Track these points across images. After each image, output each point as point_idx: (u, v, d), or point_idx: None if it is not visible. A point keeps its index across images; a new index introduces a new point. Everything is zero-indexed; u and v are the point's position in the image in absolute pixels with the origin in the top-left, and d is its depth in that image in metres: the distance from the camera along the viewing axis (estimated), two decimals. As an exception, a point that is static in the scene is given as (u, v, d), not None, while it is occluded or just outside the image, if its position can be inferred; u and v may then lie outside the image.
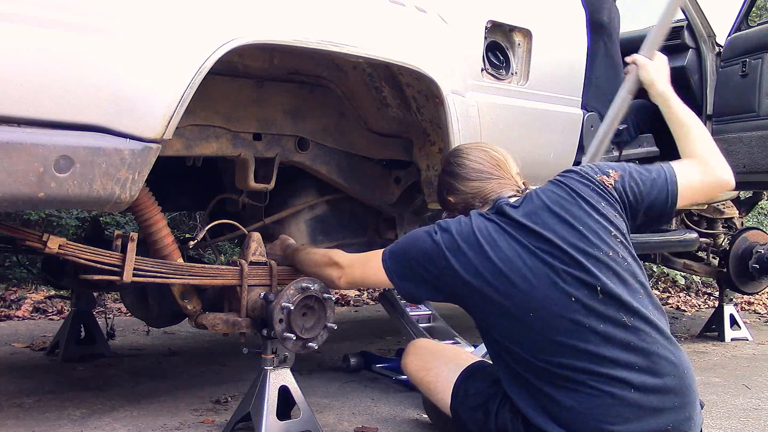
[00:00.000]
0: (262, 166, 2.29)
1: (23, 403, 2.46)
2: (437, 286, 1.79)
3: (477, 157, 1.91)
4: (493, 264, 1.68)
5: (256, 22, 1.79)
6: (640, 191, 1.78)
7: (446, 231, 1.76)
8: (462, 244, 1.72)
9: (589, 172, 1.79)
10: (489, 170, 1.89)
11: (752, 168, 3.55)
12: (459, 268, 1.71)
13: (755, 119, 3.51)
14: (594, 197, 1.74)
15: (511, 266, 1.67)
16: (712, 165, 1.84)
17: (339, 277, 2.01)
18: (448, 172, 1.96)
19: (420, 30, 2.17)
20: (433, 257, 1.76)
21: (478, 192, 1.88)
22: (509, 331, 1.71)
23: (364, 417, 2.44)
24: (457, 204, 1.93)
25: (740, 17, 3.83)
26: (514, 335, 1.71)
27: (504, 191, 1.85)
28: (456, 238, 1.73)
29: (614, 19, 3.78)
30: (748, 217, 5.60)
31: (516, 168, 1.95)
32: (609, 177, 1.77)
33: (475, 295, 1.72)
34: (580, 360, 1.62)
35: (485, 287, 1.69)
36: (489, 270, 1.69)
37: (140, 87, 1.59)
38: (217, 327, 2.09)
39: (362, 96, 2.40)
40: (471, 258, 1.71)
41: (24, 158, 1.46)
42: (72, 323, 3.13)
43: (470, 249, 1.71)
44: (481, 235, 1.72)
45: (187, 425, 2.29)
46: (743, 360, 3.72)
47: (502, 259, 1.68)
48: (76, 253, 1.85)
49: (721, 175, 1.84)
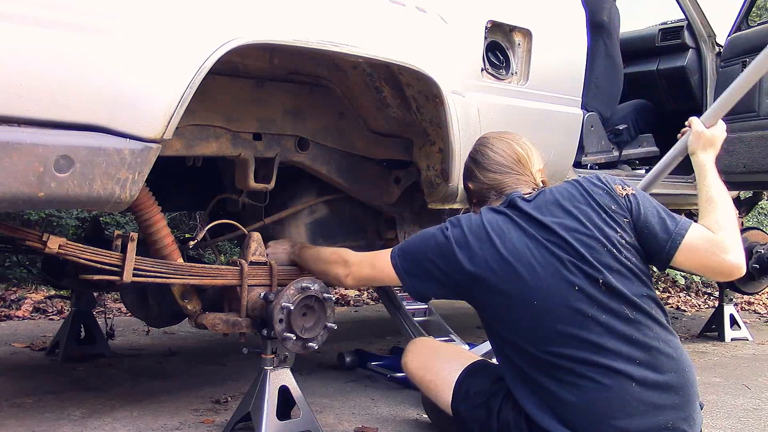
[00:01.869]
0: (262, 166, 2.29)
1: (23, 403, 2.46)
2: (445, 282, 1.81)
3: (500, 149, 1.93)
4: (500, 254, 1.72)
5: (256, 22, 1.80)
6: (645, 217, 1.74)
7: (457, 226, 1.81)
8: (471, 238, 1.76)
9: (605, 178, 1.82)
10: (509, 164, 1.91)
11: (752, 168, 3.55)
12: (467, 261, 1.75)
13: (755, 119, 3.52)
14: (605, 199, 1.76)
15: (519, 256, 1.71)
16: (727, 246, 1.69)
17: (346, 275, 2.03)
18: (472, 159, 2.00)
19: (420, 30, 2.17)
20: (443, 252, 1.79)
21: (495, 184, 1.91)
22: (513, 322, 1.74)
23: (364, 417, 2.44)
24: (475, 192, 1.97)
25: (740, 17, 3.83)
26: (518, 326, 1.73)
27: (520, 187, 1.88)
28: (466, 233, 1.78)
29: (614, 19, 3.79)
30: (748, 217, 5.60)
31: (540, 164, 1.96)
32: (623, 189, 1.79)
33: (482, 288, 1.75)
34: (581, 350, 1.64)
35: (491, 278, 1.73)
36: (496, 260, 1.72)
37: (140, 87, 1.60)
38: (217, 327, 2.09)
39: (362, 96, 2.40)
40: (479, 250, 1.74)
41: (24, 158, 1.46)
42: (72, 323, 3.12)
43: (479, 242, 1.75)
44: (491, 227, 1.76)
45: (187, 425, 2.28)
46: (743, 360, 3.72)
47: (510, 249, 1.72)
48: (76, 253, 1.85)
49: (730, 259, 1.68)
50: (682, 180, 3.53)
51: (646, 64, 4.25)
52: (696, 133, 2.01)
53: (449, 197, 2.45)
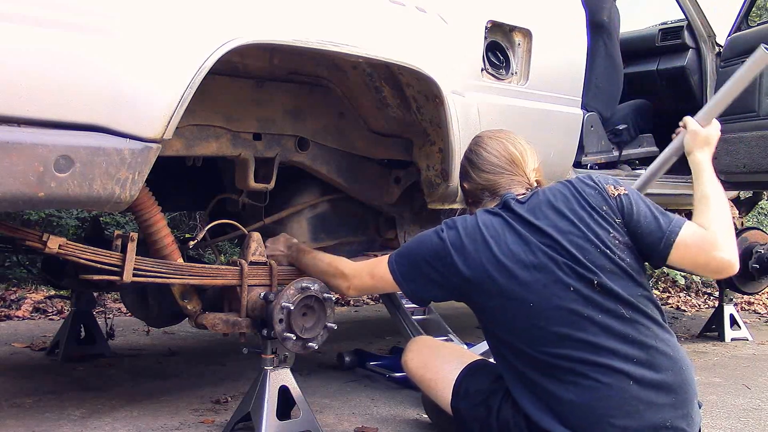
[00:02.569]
0: (262, 166, 2.29)
1: (23, 403, 2.45)
2: (443, 284, 1.82)
3: (493, 149, 1.93)
4: (495, 257, 1.73)
5: (256, 22, 1.80)
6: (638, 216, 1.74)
7: (452, 228, 1.82)
8: (466, 240, 1.77)
9: (597, 179, 1.82)
10: (503, 165, 1.91)
11: (752, 168, 3.55)
12: (462, 263, 1.76)
13: (755, 119, 3.51)
14: (597, 200, 1.76)
15: (515, 259, 1.72)
16: (719, 243, 1.69)
17: (347, 287, 2.04)
18: (467, 158, 2.00)
19: (420, 30, 2.18)
20: (439, 254, 1.80)
21: (489, 185, 1.91)
22: (509, 323, 1.74)
23: (364, 417, 2.44)
24: (470, 191, 1.98)
25: (740, 17, 3.83)
26: (514, 328, 1.73)
27: (514, 188, 1.88)
28: (461, 235, 1.79)
29: (614, 19, 3.79)
30: (748, 217, 5.60)
31: (534, 163, 1.96)
32: (615, 189, 1.78)
33: (478, 290, 1.76)
34: (578, 350, 1.65)
35: (487, 281, 1.73)
36: (492, 263, 1.73)
37: (140, 87, 1.60)
38: (217, 327, 2.09)
39: (362, 96, 2.40)
40: (474, 253, 1.75)
41: (24, 158, 1.46)
42: (72, 323, 3.12)
43: (474, 244, 1.76)
44: (486, 230, 1.77)
45: (187, 425, 2.28)
46: (743, 360, 3.72)
47: (505, 252, 1.73)
48: (76, 253, 1.84)
49: (723, 255, 1.68)
50: (682, 180, 3.53)
51: (646, 64, 4.25)
52: (692, 132, 2.00)
53: (449, 197, 2.45)
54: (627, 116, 3.86)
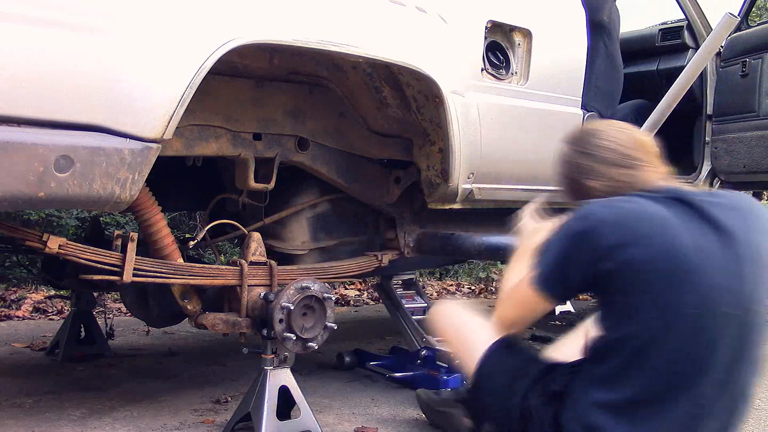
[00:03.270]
0: (262, 166, 2.29)
1: (23, 403, 2.46)
2: (595, 273, 1.50)
3: (620, 139, 1.64)
4: (676, 250, 1.45)
5: (256, 22, 1.80)
6: None
7: (598, 212, 1.52)
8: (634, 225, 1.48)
9: None
10: (638, 156, 1.62)
11: (752, 168, 3.55)
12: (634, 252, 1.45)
13: (755, 119, 3.51)
14: None
15: (699, 254, 1.45)
16: None
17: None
18: (586, 154, 1.65)
19: (420, 30, 2.18)
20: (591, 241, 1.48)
21: (630, 181, 1.61)
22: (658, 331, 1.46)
23: (364, 417, 2.44)
24: (601, 191, 1.62)
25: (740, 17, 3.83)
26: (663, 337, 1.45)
27: (655, 182, 1.60)
28: (618, 219, 1.49)
29: (614, 19, 3.78)
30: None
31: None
32: None
33: (635, 281, 1.46)
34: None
35: (657, 276, 1.45)
36: (671, 255, 1.45)
37: (140, 87, 1.60)
38: (217, 327, 2.09)
39: (362, 96, 2.40)
40: (648, 241, 1.46)
41: (24, 158, 1.46)
42: (72, 323, 3.12)
43: (650, 229, 1.47)
44: (661, 219, 1.48)
45: (187, 425, 2.28)
46: (743, 360, 3.71)
47: (688, 245, 1.46)
48: (76, 253, 1.85)
49: None
50: (681, 180, 3.53)
51: (646, 64, 4.24)
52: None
53: (449, 197, 2.45)
54: (627, 116, 3.85)
